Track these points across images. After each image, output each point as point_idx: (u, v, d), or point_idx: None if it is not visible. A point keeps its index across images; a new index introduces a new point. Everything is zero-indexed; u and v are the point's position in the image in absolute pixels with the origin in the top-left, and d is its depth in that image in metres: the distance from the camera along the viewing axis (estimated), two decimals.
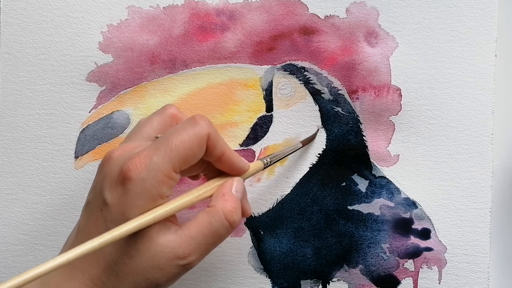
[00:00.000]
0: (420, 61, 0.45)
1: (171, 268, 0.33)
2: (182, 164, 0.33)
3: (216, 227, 0.33)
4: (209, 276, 0.46)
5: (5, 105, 0.46)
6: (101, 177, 0.33)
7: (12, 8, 0.46)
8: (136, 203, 0.31)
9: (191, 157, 0.33)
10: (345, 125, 0.45)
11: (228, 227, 0.34)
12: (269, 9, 0.45)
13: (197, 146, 0.33)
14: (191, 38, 0.46)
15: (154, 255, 0.32)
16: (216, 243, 0.34)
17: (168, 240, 0.32)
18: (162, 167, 0.32)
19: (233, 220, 0.34)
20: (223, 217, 0.34)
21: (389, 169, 0.45)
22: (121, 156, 0.33)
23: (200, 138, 0.33)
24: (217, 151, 0.34)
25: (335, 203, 0.45)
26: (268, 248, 0.45)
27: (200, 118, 0.33)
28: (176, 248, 0.32)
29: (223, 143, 0.35)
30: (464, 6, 0.45)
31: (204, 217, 0.34)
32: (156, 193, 0.32)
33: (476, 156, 0.45)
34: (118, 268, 0.32)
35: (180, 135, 0.33)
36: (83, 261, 0.33)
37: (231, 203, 0.34)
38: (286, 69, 0.45)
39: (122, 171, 0.32)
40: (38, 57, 0.46)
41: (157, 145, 0.33)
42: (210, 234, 0.33)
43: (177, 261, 0.33)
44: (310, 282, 0.45)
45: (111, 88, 0.46)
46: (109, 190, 0.32)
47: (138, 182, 0.31)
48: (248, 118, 0.46)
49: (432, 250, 0.45)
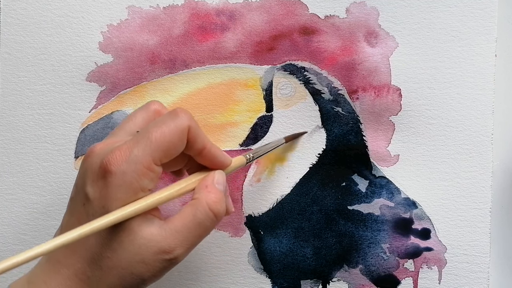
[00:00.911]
0: (420, 61, 0.45)
1: (156, 263, 0.32)
2: (163, 157, 0.33)
3: (201, 219, 0.33)
4: (209, 276, 0.46)
5: (5, 105, 0.46)
6: (83, 172, 0.33)
7: (12, 8, 0.46)
8: (117, 196, 0.31)
9: (172, 150, 0.33)
10: (345, 125, 0.45)
11: (213, 218, 0.34)
12: (269, 9, 0.45)
13: (177, 138, 0.33)
14: (191, 38, 0.46)
15: (138, 249, 0.32)
16: (202, 235, 0.34)
17: (151, 233, 0.32)
18: (143, 159, 0.32)
19: (218, 211, 0.34)
20: (207, 208, 0.33)
21: (389, 169, 0.45)
22: (103, 150, 0.33)
23: (181, 131, 0.33)
24: (198, 144, 0.34)
25: (335, 203, 0.45)
26: (268, 248, 0.45)
27: (181, 111, 0.34)
28: (161, 242, 0.32)
29: (204, 137, 0.34)
30: (464, 6, 0.45)
31: (188, 210, 0.33)
32: (137, 185, 0.32)
33: (476, 156, 0.45)
34: (102, 262, 0.32)
35: (160, 127, 0.33)
36: (68, 256, 0.33)
37: (215, 194, 0.34)
38: (286, 69, 0.45)
39: (103, 164, 0.32)
40: (38, 57, 0.46)
41: (138, 138, 0.33)
42: (195, 226, 0.33)
43: (162, 256, 0.32)
44: (310, 282, 0.45)
45: (111, 88, 0.46)
46: (91, 184, 0.32)
47: (118, 175, 0.31)
48: (248, 118, 0.46)
49: (432, 250, 0.45)
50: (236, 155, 0.45)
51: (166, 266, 0.33)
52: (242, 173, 0.46)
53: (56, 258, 0.33)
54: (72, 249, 0.33)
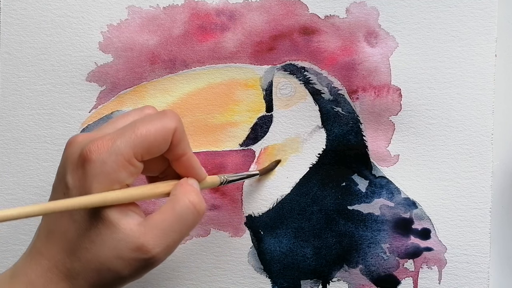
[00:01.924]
0: (420, 61, 0.45)
1: (133, 261, 0.32)
2: (145, 153, 0.32)
3: (180, 211, 0.33)
4: (209, 276, 0.46)
5: (5, 105, 0.46)
6: (64, 161, 0.33)
7: (12, 8, 0.46)
8: (93, 185, 0.31)
9: (155, 148, 0.33)
10: (345, 125, 0.45)
11: (193, 210, 0.33)
12: (269, 9, 0.45)
13: (162, 137, 0.33)
14: (191, 38, 0.46)
15: (116, 244, 0.31)
16: (183, 231, 0.33)
17: (130, 229, 0.32)
18: (124, 151, 0.31)
19: (196, 202, 0.33)
20: (186, 200, 0.33)
21: (389, 169, 0.45)
22: (85, 140, 0.33)
23: (167, 131, 0.33)
24: (179, 149, 0.34)
25: (335, 203, 0.45)
26: (268, 248, 0.45)
27: (170, 112, 0.34)
28: (140, 238, 0.32)
29: (187, 144, 0.34)
30: (464, 6, 0.45)
31: (167, 205, 0.33)
32: (114, 177, 0.31)
33: (476, 156, 0.45)
34: (81, 254, 0.32)
35: (147, 124, 0.33)
36: (48, 248, 0.33)
37: (192, 188, 0.34)
38: (286, 69, 0.45)
39: (83, 152, 0.32)
40: (38, 57, 0.46)
41: (123, 130, 0.33)
42: (175, 220, 0.33)
43: (140, 254, 0.32)
44: (310, 282, 0.45)
45: (111, 88, 0.46)
46: (71, 173, 0.32)
47: (97, 163, 0.31)
48: (248, 118, 0.46)
49: (432, 250, 0.45)
50: (236, 155, 0.45)
51: (144, 265, 0.32)
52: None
53: (37, 249, 0.33)
54: (52, 240, 0.33)
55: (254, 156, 0.46)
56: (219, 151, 0.46)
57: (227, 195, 0.46)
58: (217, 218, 0.46)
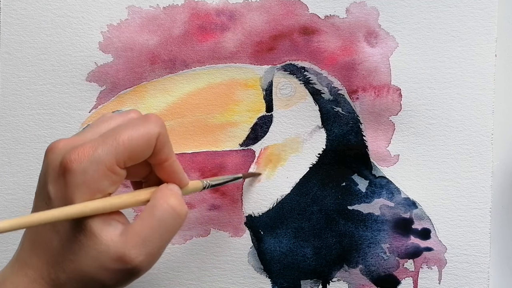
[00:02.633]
0: (420, 61, 0.45)
1: (117, 271, 0.31)
2: (128, 160, 0.32)
3: (159, 217, 0.32)
4: (209, 276, 0.46)
5: (5, 105, 0.46)
6: (45, 168, 0.33)
7: (12, 8, 0.46)
8: (75, 196, 0.30)
9: (138, 154, 0.32)
10: (345, 125, 0.45)
11: (173, 214, 0.32)
12: (269, 9, 0.45)
13: (145, 143, 0.32)
14: (191, 38, 0.46)
15: (98, 254, 0.31)
16: (164, 236, 0.32)
17: (112, 239, 0.31)
18: (106, 160, 0.31)
19: (176, 205, 0.32)
20: (165, 204, 0.32)
21: (389, 169, 0.45)
22: (66, 146, 0.32)
23: (150, 136, 0.32)
24: (163, 154, 0.33)
25: (335, 203, 0.45)
26: (268, 248, 0.45)
27: (154, 117, 0.33)
28: (121, 248, 0.31)
29: (170, 149, 0.34)
30: (464, 6, 0.45)
31: (146, 211, 0.32)
32: (96, 186, 0.31)
33: (476, 156, 0.45)
34: (65, 265, 0.31)
35: (129, 130, 0.32)
36: (33, 258, 0.32)
37: (171, 192, 0.33)
38: (286, 69, 0.45)
39: (63, 161, 0.31)
40: (38, 57, 0.46)
41: (104, 137, 0.32)
42: (155, 226, 0.32)
43: (122, 264, 0.31)
44: (310, 282, 0.45)
45: (111, 88, 0.46)
46: (52, 183, 0.32)
47: (78, 173, 0.30)
48: (248, 118, 0.46)
49: (432, 250, 0.45)
50: (236, 155, 0.45)
51: (128, 275, 0.32)
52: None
53: (23, 259, 0.33)
54: (36, 251, 0.32)
55: (254, 156, 0.46)
56: (219, 151, 0.46)
57: (227, 195, 0.46)
58: (217, 218, 0.46)
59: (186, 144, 0.46)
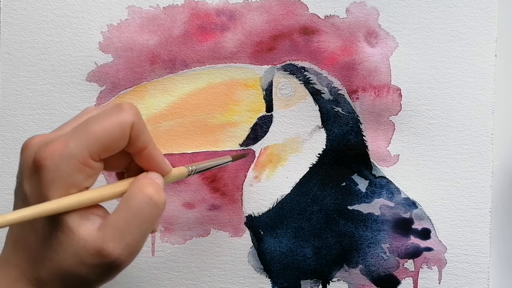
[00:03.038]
0: (420, 61, 0.45)
1: (97, 266, 0.30)
2: (102, 152, 0.31)
3: (135, 207, 0.31)
4: (209, 276, 0.46)
5: (5, 105, 0.46)
6: (20, 166, 0.32)
7: (12, 8, 0.46)
8: (50, 192, 0.30)
9: (112, 145, 0.31)
10: (345, 125, 0.45)
11: (149, 203, 0.31)
12: (269, 9, 0.45)
13: (118, 134, 0.31)
14: (191, 38, 0.46)
15: (77, 250, 0.30)
16: (142, 227, 0.31)
17: (89, 234, 0.30)
18: (78, 153, 0.30)
19: (152, 194, 0.31)
20: (141, 194, 0.31)
21: (389, 169, 0.45)
22: (39, 142, 0.31)
23: (123, 126, 0.31)
24: (140, 142, 0.32)
25: (335, 203, 0.45)
26: (268, 248, 0.45)
27: (127, 105, 0.32)
28: (98, 242, 0.30)
29: (147, 137, 0.32)
30: (464, 6, 0.45)
31: (122, 202, 0.31)
32: (70, 181, 0.30)
33: (476, 156, 0.45)
34: (45, 263, 0.31)
35: (101, 121, 0.31)
36: (15, 256, 0.32)
37: (148, 181, 0.32)
38: (286, 69, 0.45)
39: (35, 158, 0.30)
40: (38, 57, 0.46)
41: (76, 130, 0.31)
42: (130, 217, 0.31)
43: (101, 258, 0.30)
44: (310, 282, 0.45)
45: (111, 88, 0.46)
46: (27, 180, 0.31)
47: (51, 169, 0.30)
48: (248, 118, 0.46)
49: (432, 250, 0.45)
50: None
51: (109, 269, 0.31)
52: (242, 173, 0.46)
53: (6, 258, 0.32)
54: (18, 249, 0.32)
55: (254, 156, 0.46)
56: (219, 151, 0.46)
57: (227, 195, 0.46)
58: (217, 218, 0.46)
59: (186, 144, 0.46)
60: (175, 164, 0.45)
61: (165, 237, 0.46)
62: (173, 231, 0.46)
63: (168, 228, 0.46)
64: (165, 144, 0.45)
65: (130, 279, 0.46)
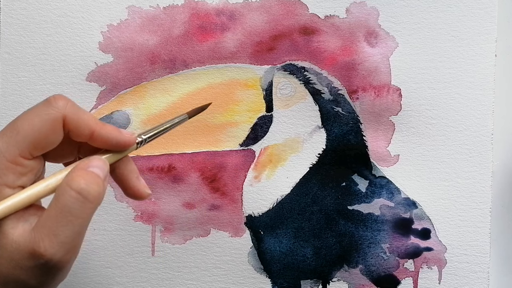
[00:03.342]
0: (420, 61, 0.45)
1: (34, 268, 0.29)
2: (33, 149, 0.30)
3: (63, 203, 0.29)
4: (209, 276, 0.46)
5: (5, 105, 0.46)
6: None
7: (12, 8, 0.46)
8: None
9: (43, 142, 0.30)
10: (345, 125, 0.45)
11: (78, 198, 0.29)
12: (269, 9, 0.45)
13: (49, 130, 0.30)
14: (191, 38, 0.46)
15: (12, 254, 0.29)
16: (74, 223, 0.29)
17: (21, 235, 0.29)
18: (6, 152, 0.29)
19: (82, 188, 0.29)
20: (68, 189, 0.29)
21: (389, 169, 0.45)
22: None
23: (53, 122, 0.30)
24: (84, 131, 0.31)
25: (335, 203, 0.45)
26: (268, 248, 0.45)
27: (55, 99, 0.30)
28: (29, 243, 0.29)
29: (89, 121, 0.31)
30: (464, 6, 0.45)
31: (53, 198, 0.30)
32: (1, 181, 0.29)
33: (476, 156, 0.45)
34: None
35: (29, 118, 0.30)
36: None
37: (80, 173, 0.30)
38: (286, 69, 0.45)
39: None
40: (38, 57, 0.46)
41: (5, 129, 0.30)
42: (60, 214, 0.29)
43: (35, 260, 0.29)
44: (310, 282, 0.45)
45: (111, 88, 0.46)
46: None
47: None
48: (248, 118, 0.46)
49: (432, 250, 0.45)
50: (236, 155, 0.45)
51: (47, 270, 0.30)
52: (242, 173, 0.46)
53: None
54: None
55: (254, 156, 0.46)
56: (219, 151, 0.46)
57: (227, 195, 0.46)
58: (217, 218, 0.46)
59: (186, 144, 0.46)
60: (175, 164, 0.45)
61: (165, 237, 0.46)
62: (173, 231, 0.46)
63: (168, 228, 0.46)
64: (165, 144, 0.45)
65: (130, 279, 0.46)
